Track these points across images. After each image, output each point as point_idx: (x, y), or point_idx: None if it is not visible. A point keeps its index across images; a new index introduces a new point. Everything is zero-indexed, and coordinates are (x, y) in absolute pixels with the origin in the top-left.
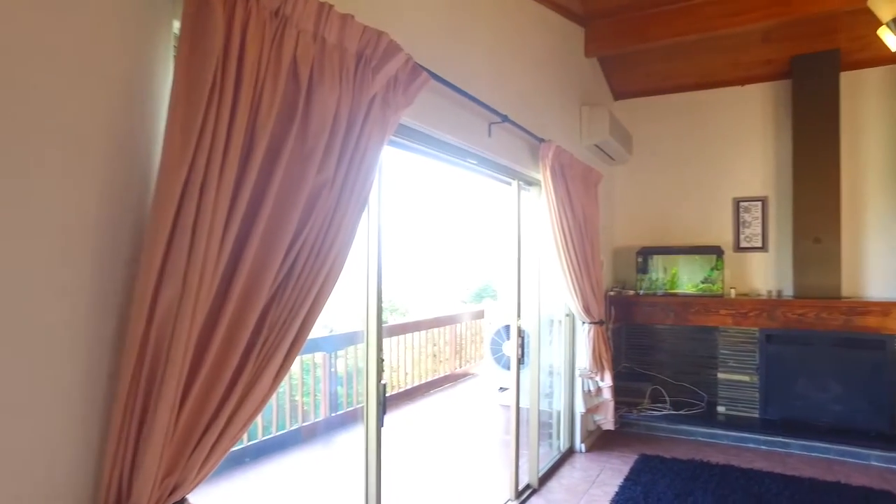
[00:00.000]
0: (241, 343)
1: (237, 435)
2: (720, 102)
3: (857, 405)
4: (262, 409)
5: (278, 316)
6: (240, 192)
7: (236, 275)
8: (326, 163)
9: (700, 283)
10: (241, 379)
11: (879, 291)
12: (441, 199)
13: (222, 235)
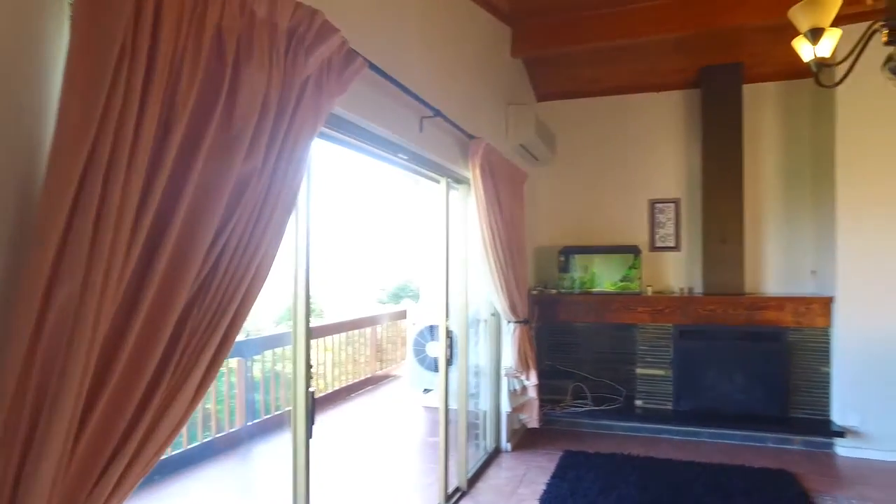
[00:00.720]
0: (157, 351)
1: (151, 461)
2: (638, 107)
3: (757, 393)
4: (181, 427)
5: (201, 320)
6: (155, 178)
7: (151, 272)
8: (254, 150)
9: (619, 282)
10: (156, 393)
11: (775, 288)
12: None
13: (133, 225)
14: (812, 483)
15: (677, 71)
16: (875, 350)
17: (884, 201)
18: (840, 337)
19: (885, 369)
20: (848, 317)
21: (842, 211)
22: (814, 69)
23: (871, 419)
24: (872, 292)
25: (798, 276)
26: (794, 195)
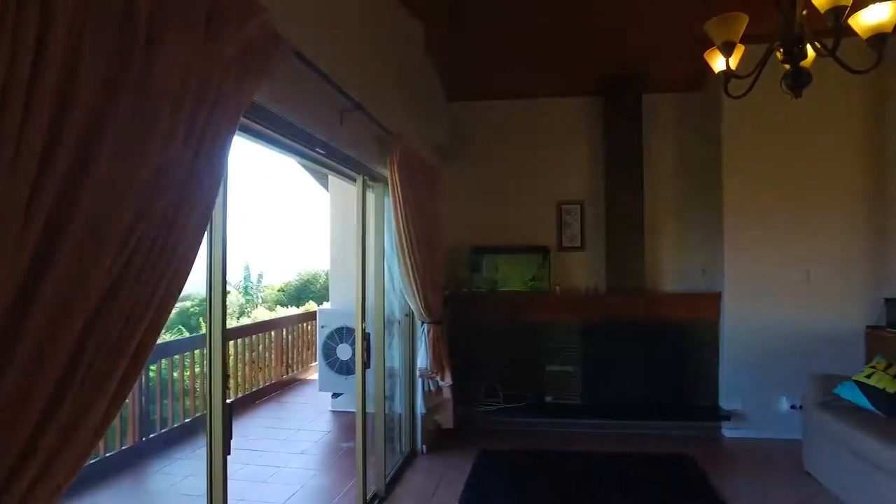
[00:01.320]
0: (54, 371)
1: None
2: (547, 111)
3: (657, 384)
4: (85, 460)
5: (108, 332)
6: (50, 164)
7: (45, 276)
8: (171, 139)
9: (529, 281)
10: (52, 422)
11: (672, 285)
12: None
13: (23, 222)
14: (707, 464)
15: (583, 78)
16: (754, 340)
17: (763, 206)
18: (726, 329)
19: (762, 357)
20: (733, 310)
21: (728, 213)
22: (723, 80)
23: (749, 403)
24: (754, 288)
25: (691, 274)
26: (687, 199)
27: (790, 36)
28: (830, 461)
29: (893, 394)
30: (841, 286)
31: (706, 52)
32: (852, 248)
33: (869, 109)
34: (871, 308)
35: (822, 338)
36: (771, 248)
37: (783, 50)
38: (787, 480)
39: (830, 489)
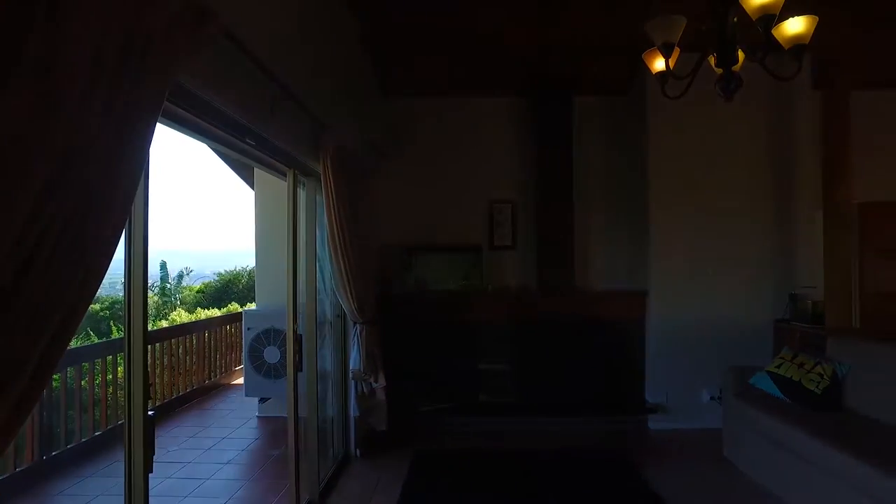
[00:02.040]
0: None
1: None
2: (480, 110)
3: (586, 380)
4: None
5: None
6: None
7: None
8: (85, 118)
9: (462, 281)
10: None
11: (601, 284)
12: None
13: None
14: (636, 457)
15: (515, 80)
16: (677, 336)
17: (685, 208)
18: (652, 326)
19: (684, 352)
20: (658, 308)
21: (653, 214)
22: (660, 81)
23: (674, 395)
24: (676, 286)
25: (619, 273)
26: (614, 200)
27: (723, 41)
28: (746, 447)
29: (799, 381)
30: (753, 283)
31: (644, 53)
32: (763, 248)
33: (775, 120)
34: (778, 303)
35: (736, 332)
36: (692, 248)
37: (716, 54)
38: (709, 468)
39: (746, 472)
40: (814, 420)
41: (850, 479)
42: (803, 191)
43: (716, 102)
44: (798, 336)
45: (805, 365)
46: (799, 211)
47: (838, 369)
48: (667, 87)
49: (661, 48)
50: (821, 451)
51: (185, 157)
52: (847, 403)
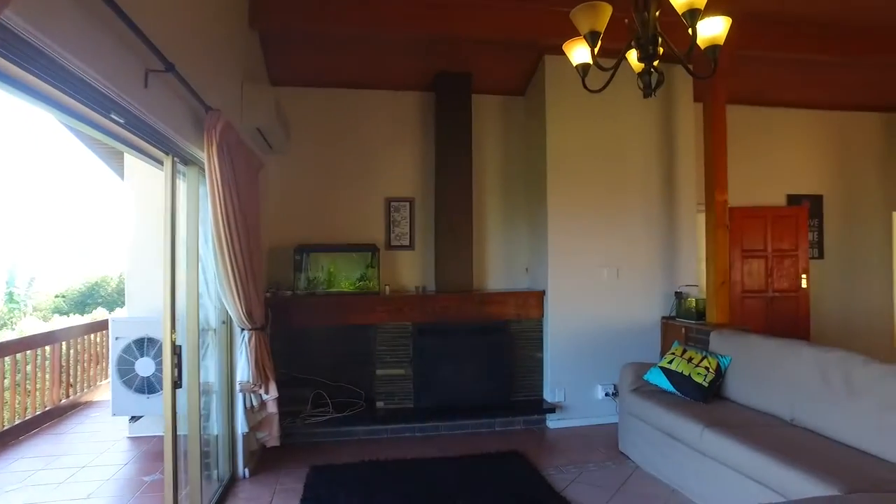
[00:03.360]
0: None
1: None
2: (377, 104)
3: (487, 382)
4: None
5: None
6: None
7: None
8: None
9: (357, 282)
10: None
11: (498, 284)
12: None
13: None
14: (537, 458)
15: (415, 73)
16: (574, 334)
17: (581, 209)
18: (550, 325)
19: (580, 350)
20: (555, 308)
21: (551, 215)
22: (581, 73)
23: (571, 393)
24: (573, 286)
25: (516, 273)
26: (511, 200)
27: (646, 36)
28: (641, 440)
29: (689, 375)
30: (643, 282)
31: (565, 44)
32: (652, 248)
33: (661, 127)
34: (665, 301)
35: (628, 329)
36: (588, 248)
37: (639, 49)
38: (606, 462)
39: (642, 465)
40: (702, 411)
41: (741, 468)
42: (686, 193)
43: (611, 106)
44: (684, 332)
45: (694, 359)
46: (682, 212)
47: (721, 362)
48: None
49: (586, 37)
50: (714, 442)
51: (43, 143)
52: (728, 394)
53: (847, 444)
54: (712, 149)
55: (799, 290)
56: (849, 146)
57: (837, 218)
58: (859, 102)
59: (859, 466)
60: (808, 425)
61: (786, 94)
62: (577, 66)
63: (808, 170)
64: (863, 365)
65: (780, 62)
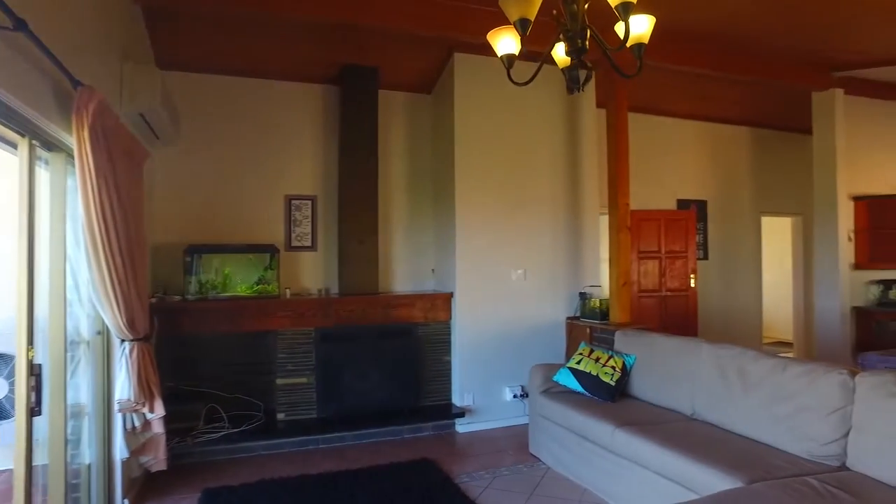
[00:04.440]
0: None
1: None
2: (277, 95)
3: (394, 388)
4: None
5: None
6: None
7: None
8: None
9: (255, 285)
10: None
11: (404, 286)
12: None
13: None
14: (449, 465)
15: (320, 64)
16: (482, 337)
17: (489, 210)
18: (458, 328)
19: (489, 352)
20: (463, 310)
21: (459, 216)
22: (506, 64)
23: (480, 397)
24: (481, 287)
25: (422, 275)
26: (418, 200)
27: (575, 28)
28: (551, 442)
29: (597, 375)
30: (549, 283)
31: (490, 33)
32: (558, 249)
33: (567, 130)
34: (570, 301)
35: (535, 330)
36: (496, 249)
37: (567, 42)
38: (519, 465)
39: (553, 467)
40: (611, 411)
41: (651, 466)
42: (589, 196)
43: (518, 108)
44: (589, 332)
45: (601, 359)
46: (586, 214)
47: (627, 361)
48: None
49: (516, 24)
50: (625, 441)
51: None
52: (633, 392)
53: (744, 436)
54: (615, 154)
55: (688, 289)
56: (727, 156)
57: (718, 221)
58: (734, 117)
59: (757, 457)
60: (708, 419)
61: (676, 106)
62: (501, 56)
63: (695, 176)
64: (755, 360)
65: (671, 74)
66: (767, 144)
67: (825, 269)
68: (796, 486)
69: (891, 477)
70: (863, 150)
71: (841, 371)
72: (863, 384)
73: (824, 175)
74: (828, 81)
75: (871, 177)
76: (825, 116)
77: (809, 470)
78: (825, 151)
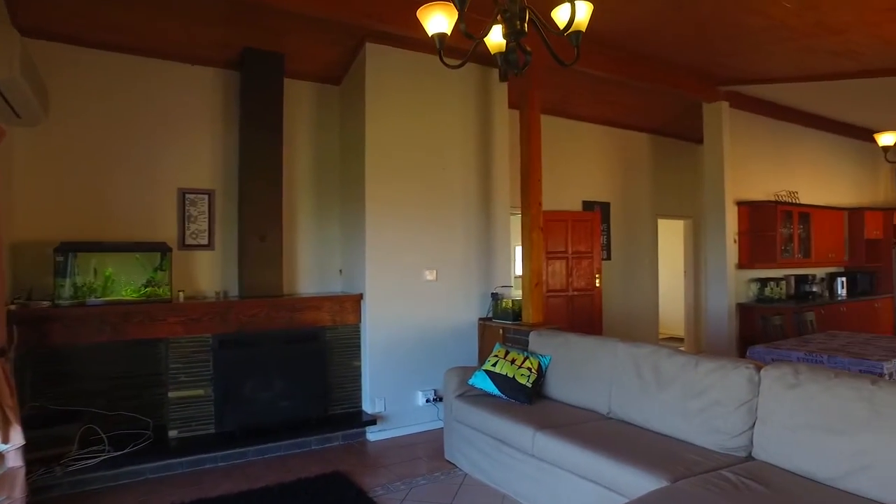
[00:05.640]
0: None
1: None
2: (169, 77)
3: (300, 397)
4: None
5: None
6: None
7: None
8: None
9: (143, 288)
10: None
11: (310, 287)
12: None
13: None
14: (361, 477)
15: (219, 45)
16: (394, 340)
17: (401, 209)
18: (368, 331)
19: (401, 356)
20: (374, 312)
21: (369, 214)
22: (437, 45)
23: (392, 403)
24: (392, 288)
25: (330, 275)
26: (326, 196)
27: (514, 10)
28: (468, 447)
29: (513, 377)
30: (462, 284)
31: (420, 10)
32: (470, 249)
33: (480, 129)
34: (483, 302)
35: (448, 332)
36: (407, 249)
37: (505, 24)
38: (436, 473)
39: (471, 472)
40: (529, 413)
41: (573, 469)
42: (501, 195)
43: (432, 104)
44: (502, 333)
45: (517, 360)
46: (498, 214)
47: (542, 362)
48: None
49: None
50: (546, 445)
51: None
52: (549, 393)
53: (659, 432)
54: (529, 153)
55: (594, 288)
56: (628, 160)
57: (620, 223)
58: (636, 123)
59: (674, 453)
60: (624, 417)
61: (583, 110)
62: (433, 35)
63: (600, 179)
64: (669, 357)
65: (579, 78)
66: (663, 151)
67: (715, 269)
68: (716, 482)
69: (790, 464)
70: (745, 160)
71: (748, 365)
72: (767, 377)
73: (714, 181)
74: (716, 94)
75: (751, 184)
76: (714, 127)
77: (722, 462)
78: (715, 159)
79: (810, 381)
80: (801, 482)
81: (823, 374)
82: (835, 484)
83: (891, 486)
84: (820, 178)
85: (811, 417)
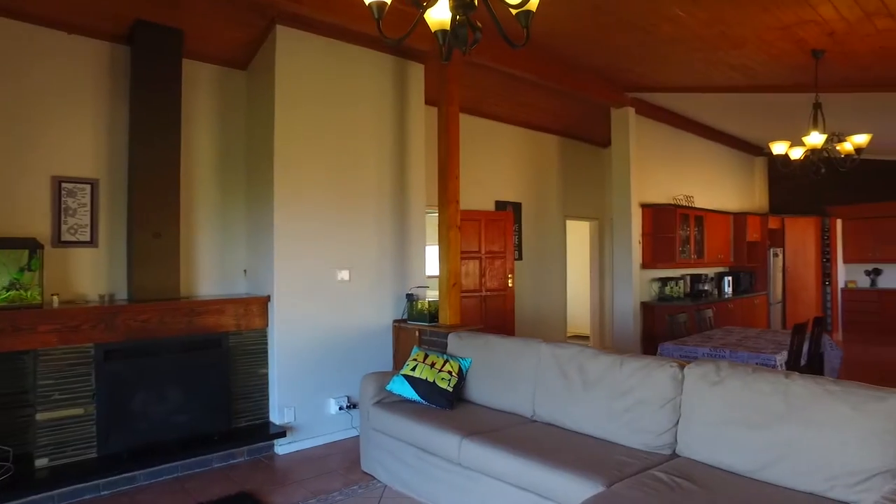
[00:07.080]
0: None
1: None
2: (41, 47)
3: (199, 410)
4: None
5: None
6: None
7: None
8: None
9: (6, 291)
10: None
11: (210, 289)
12: None
13: None
14: (272, 496)
15: (104, 14)
16: (305, 345)
17: (312, 206)
18: (276, 336)
19: (312, 362)
20: (282, 315)
21: (278, 211)
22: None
23: (301, 412)
24: (302, 290)
25: (233, 276)
26: (228, 190)
27: None
28: (386, 456)
29: (434, 382)
30: (376, 285)
31: None
32: (385, 249)
33: (396, 126)
34: (398, 304)
35: (361, 335)
36: (318, 248)
37: None
38: (353, 487)
39: (390, 483)
40: (452, 419)
41: (502, 476)
42: (416, 193)
43: (346, 96)
44: (418, 335)
45: (436, 364)
46: (413, 213)
47: (462, 364)
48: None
49: None
50: (474, 453)
51: None
52: (470, 396)
53: (586, 434)
54: (447, 150)
55: (506, 288)
56: (539, 161)
57: (531, 223)
58: (547, 125)
59: (604, 455)
60: (550, 420)
61: (497, 109)
62: (370, 4)
63: (512, 179)
64: (593, 357)
65: (494, 76)
66: (572, 153)
67: (622, 269)
68: (650, 483)
69: (713, 459)
70: (647, 164)
71: (672, 364)
72: (690, 375)
73: (621, 184)
74: (623, 100)
75: (653, 188)
76: (622, 131)
77: (650, 462)
78: (622, 163)
79: (732, 378)
80: (724, 476)
81: (743, 370)
82: (754, 475)
83: (804, 474)
84: (710, 184)
85: (732, 413)
